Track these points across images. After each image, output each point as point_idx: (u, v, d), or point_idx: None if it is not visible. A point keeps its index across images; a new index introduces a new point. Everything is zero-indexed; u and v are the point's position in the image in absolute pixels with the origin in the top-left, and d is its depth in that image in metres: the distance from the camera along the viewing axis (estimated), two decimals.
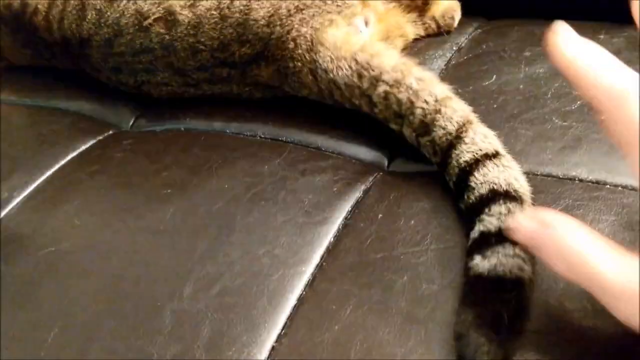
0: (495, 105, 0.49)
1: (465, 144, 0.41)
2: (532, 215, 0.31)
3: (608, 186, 0.41)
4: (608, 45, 0.54)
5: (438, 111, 0.44)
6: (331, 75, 0.49)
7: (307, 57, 0.51)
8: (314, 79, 0.51)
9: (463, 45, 0.60)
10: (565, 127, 0.45)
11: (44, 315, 0.40)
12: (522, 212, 0.36)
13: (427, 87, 0.45)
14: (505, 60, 0.55)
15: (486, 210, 0.37)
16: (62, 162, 0.53)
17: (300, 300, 0.38)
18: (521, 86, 0.51)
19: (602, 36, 0.56)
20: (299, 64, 0.51)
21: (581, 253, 0.28)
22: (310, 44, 0.51)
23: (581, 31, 0.57)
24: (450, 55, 0.59)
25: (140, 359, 0.37)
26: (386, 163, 0.49)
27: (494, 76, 0.53)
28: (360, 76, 0.48)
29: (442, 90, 0.45)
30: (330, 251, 0.41)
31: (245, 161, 0.49)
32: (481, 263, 0.35)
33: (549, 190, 0.41)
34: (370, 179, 0.46)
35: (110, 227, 0.45)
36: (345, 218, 0.43)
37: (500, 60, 0.55)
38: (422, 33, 0.61)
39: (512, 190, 0.38)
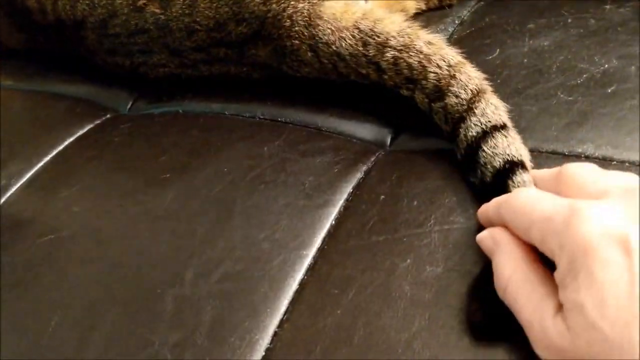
0: (499, 81, 0.48)
1: (475, 115, 0.41)
2: (489, 232, 0.34)
3: (615, 162, 0.40)
4: (614, 15, 0.53)
5: (453, 77, 0.43)
6: (334, 47, 0.48)
7: (305, 33, 0.49)
8: (315, 55, 0.49)
9: (465, 18, 0.59)
10: (571, 102, 0.44)
11: (45, 304, 0.40)
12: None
13: (438, 51, 0.45)
14: (509, 34, 0.53)
15: (510, 183, 0.37)
16: (60, 147, 0.52)
17: (302, 284, 0.38)
18: (525, 60, 0.50)
19: (607, 6, 0.54)
20: (297, 42, 0.50)
21: (507, 283, 0.31)
22: (307, 19, 0.49)
23: (585, 0, 0.56)
24: (453, 29, 0.57)
25: (141, 346, 0.36)
26: (388, 141, 0.48)
27: (498, 50, 0.51)
28: (365, 44, 0.47)
29: (454, 54, 0.45)
30: (331, 234, 0.40)
31: (244, 143, 0.48)
32: None
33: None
34: (372, 158, 0.46)
35: (109, 213, 0.45)
36: (347, 200, 0.42)
37: (504, 34, 0.54)
38: (424, 7, 0.59)
39: (525, 161, 0.38)
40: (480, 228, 0.37)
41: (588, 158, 0.40)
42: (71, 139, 0.53)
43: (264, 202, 0.42)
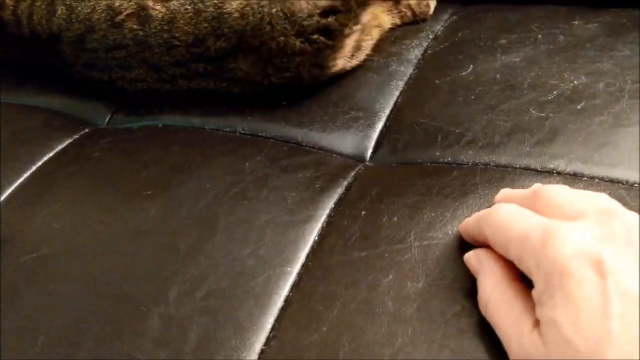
0: (472, 97, 0.50)
1: None
2: (474, 253, 0.36)
3: (585, 178, 0.42)
4: (583, 30, 0.55)
5: None
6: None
7: (287, 26, 0.50)
8: (304, 40, 0.50)
9: (439, 33, 0.60)
10: (542, 118, 0.46)
11: (29, 323, 0.40)
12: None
13: None
14: (481, 49, 0.55)
15: None
16: (39, 163, 0.52)
17: (287, 301, 0.38)
18: (498, 75, 0.51)
19: (576, 22, 0.56)
20: (282, 38, 0.50)
21: (487, 301, 0.33)
22: (284, 14, 0.50)
23: (555, 16, 0.58)
24: (427, 44, 0.59)
25: None
26: (368, 155, 0.49)
27: (471, 66, 0.53)
28: None
29: None
30: (315, 250, 0.41)
31: (225, 159, 0.49)
32: None
33: (529, 183, 0.41)
34: (352, 173, 0.47)
35: (91, 230, 0.45)
36: (329, 215, 0.43)
37: (477, 49, 0.55)
38: (398, 22, 0.60)
39: None
40: (461, 243, 0.38)
41: (560, 174, 0.42)
42: (50, 154, 0.53)
43: (247, 218, 0.43)
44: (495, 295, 0.32)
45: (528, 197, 0.35)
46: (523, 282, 0.32)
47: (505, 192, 0.38)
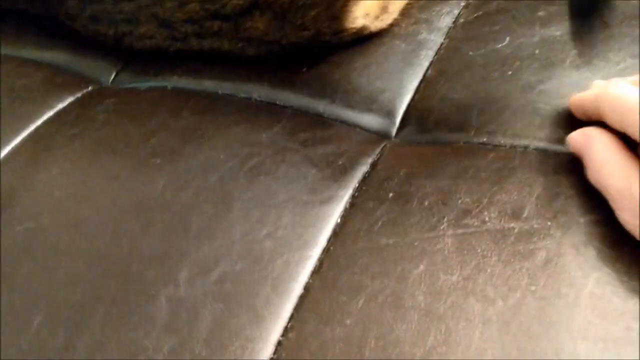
0: (510, 72, 0.46)
1: None
2: (581, 131, 0.38)
3: None
4: (627, 6, 0.51)
5: None
6: None
7: None
8: None
9: (471, 1, 0.56)
10: None
11: (26, 300, 0.37)
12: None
13: None
14: (518, 20, 0.51)
15: None
16: (39, 122, 0.48)
17: (307, 288, 0.35)
18: (537, 51, 0.47)
19: None
20: None
21: (601, 165, 0.35)
22: None
23: None
24: (458, 11, 0.54)
25: (134, 352, 0.34)
26: (394, 132, 0.46)
27: (507, 38, 0.49)
28: None
29: None
30: (337, 234, 0.38)
31: (240, 128, 0.45)
32: None
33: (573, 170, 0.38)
34: (378, 150, 0.43)
35: (94, 200, 0.41)
36: (352, 196, 0.40)
37: (513, 20, 0.51)
38: None
39: None
40: (500, 232, 0.35)
41: None
42: (50, 113, 0.49)
43: (264, 196, 0.40)
44: (610, 160, 0.34)
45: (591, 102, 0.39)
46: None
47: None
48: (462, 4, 0.56)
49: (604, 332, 0.31)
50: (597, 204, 0.35)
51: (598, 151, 0.36)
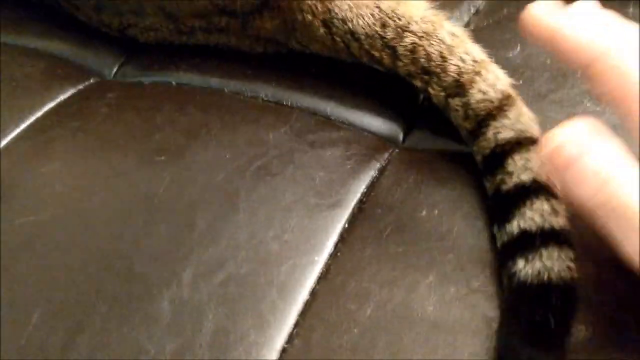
0: (521, 81, 0.45)
1: (509, 119, 0.38)
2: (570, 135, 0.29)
3: None
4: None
5: (477, 73, 0.40)
6: (350, 25, 0.44)
7: (319, 7, 0.45)
8: (327, 32, 0.46)
9: (480, 7, 0.55)
10: (599, 113, 0.42)
11: (25, 295, 0.36)
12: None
13: (461, 44, 0.42)
14: None
15: (528, 203, 0.34)
16: (39, 113, 0.47)
17: (313, 294, 0.35)
18: (548, 61, 0.47)
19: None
20: (309, 16, 0.46)
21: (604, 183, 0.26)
22: None
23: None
24: (468, 18, 0.54)
25: (135, 353, 0.33)
26: (401, 137, 0.45)
27: (519, 47, 0.49)
28: (384, 25, 0.43)
29: (479, 51, 0.42)
30: (344, 239, 0.37)
31: (247, 127, 0.44)
32: (524, 269, 0.32)
33: None
34: (386, 155, 0.43)
35: (97, 195, 0.41)
36: (360, 201, 0.39)
37: None
38: None
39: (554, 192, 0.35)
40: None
41: None
42: (51, 105, 0.48)
43: (271, 197, 0.39)
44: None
45: None
46: None
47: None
48: (473, 10, 0.55)
49: None
50: None
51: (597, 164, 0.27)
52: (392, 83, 0.48)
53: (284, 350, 0.33)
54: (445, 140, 0.43)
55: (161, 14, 0.50)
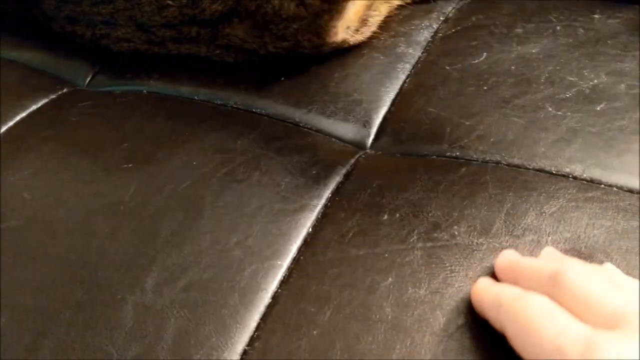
0: (485, 87, 0.46)
1: None
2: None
3: (603, 186, 0.39)
4: (603, 26, 0.52)
5: None
6: None
7: None
8: (301, 5, 0.46)
9: (450, 15, 0.56)
10: (560, 117, 0.43)
11: None
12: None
13: None
14: (496, 37, 0.52)
15: None
16: (11, 123, 0.48)
17: (275, 298, 0.35)
18: (513, 67, 0.48)
19: (596, 16, 0.53)
20: (277, 0, 0.46)
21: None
22: None
23: (574, 7, 0.54)
24: (437, 26, 0.55)
25: (98, 358, 0.33)
26: (369, 143, 0.46)
27: (485, 54, 0.50)
28: None
29: None
30: (307, 243, 0.38)
31: (215, 134, 0.45)
32: None
33: (542, 187, 0.38)
34: (351, 161, 0.43)
35: (64, 203, 0.41)
36: (325, 206, 0.40)
37: (491, 36, 0.52)
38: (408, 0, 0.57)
39: None
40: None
41: (576, 179, 0.39)
42: (23, 114, 0.48)
43: (236, 203, 0.40)
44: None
45: (546, 282, 0.30)
46: None
47: (510, 258, 0.33)
48: (442, 18, 0.56)
49: None
50: (565, 224, 0.36)
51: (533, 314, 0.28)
52: (361, 90, 0.49)
53: (244, 353, 0.33)
54: (410, 144, 0.44)
55: (133, 25, 0.51)
